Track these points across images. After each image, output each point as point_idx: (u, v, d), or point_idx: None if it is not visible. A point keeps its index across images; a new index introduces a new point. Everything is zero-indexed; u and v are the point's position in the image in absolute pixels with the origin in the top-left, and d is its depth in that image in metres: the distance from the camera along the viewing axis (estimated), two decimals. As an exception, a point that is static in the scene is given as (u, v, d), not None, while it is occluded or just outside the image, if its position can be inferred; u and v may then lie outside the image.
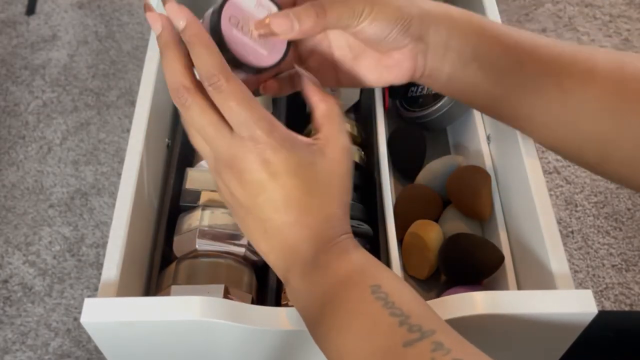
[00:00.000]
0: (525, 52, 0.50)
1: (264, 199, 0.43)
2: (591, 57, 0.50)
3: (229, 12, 0.45)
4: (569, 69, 0.49)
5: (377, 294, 0.40)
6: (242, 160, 0.43)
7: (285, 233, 0.44)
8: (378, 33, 0.47)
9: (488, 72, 0.50)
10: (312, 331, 0.42)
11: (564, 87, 0.49)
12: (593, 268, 1.31)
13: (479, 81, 0.51)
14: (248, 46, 0.46)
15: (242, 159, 0.43)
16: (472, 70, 0.50)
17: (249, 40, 0.46)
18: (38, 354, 1.21)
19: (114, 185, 1.43)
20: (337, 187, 0.45)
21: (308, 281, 0.43)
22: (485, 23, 0.50)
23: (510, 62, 0.50)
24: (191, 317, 0.46)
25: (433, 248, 0.66)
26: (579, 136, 0.51)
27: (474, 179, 0.67)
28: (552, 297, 0.47)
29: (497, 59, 0.50)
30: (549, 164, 1.46)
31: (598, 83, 0.49)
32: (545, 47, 0.50)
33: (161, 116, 0.68)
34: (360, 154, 0.68)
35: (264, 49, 0.47)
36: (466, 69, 0.50)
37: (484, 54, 0.50)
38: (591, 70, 0.49)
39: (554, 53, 0.50)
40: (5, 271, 1.31)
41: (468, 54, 0.49)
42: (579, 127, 0.50)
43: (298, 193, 0.43)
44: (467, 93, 0.52)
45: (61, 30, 1.74)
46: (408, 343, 0.37)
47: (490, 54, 0.50)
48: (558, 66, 0.49)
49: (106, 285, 0.51)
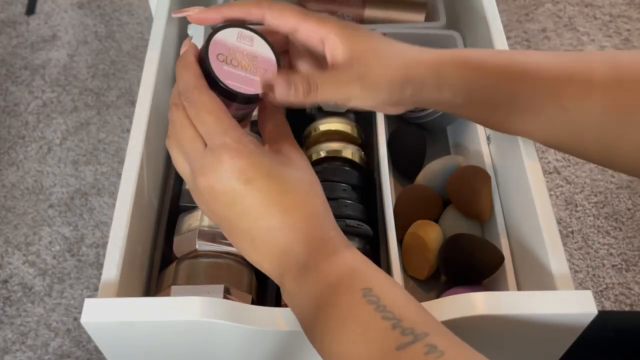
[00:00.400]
0: (517, 79, 0.50)
1: (242, 208, 0.43)
2: (587, 67, 0.50)
3: (215, 51, 0.47)
4: (566, 85, 0.49)
5: (368, 297, 0.40)
6: (214, 171, 0.43)
7: (273, 238, 0.44)
8: (370, 107, 0.49)
9: (482, 109, 0.52)
10: (308, 335, 0.43)
11: (563, 104, 0.49)
12: (593, 268, 1.31)
13: (475, 116, 0.54)
14: (241, 77, 0.48)
15: (214, 170, 0.43)
16: (466, 110, 0.52)
17: (240, 71, 0.48)
18: (38, 354, 1.21)
19: (114, 185, 1.43)
20: (311, 189, 0.46)
21: (302, 284, 0.43)
22: (471, 59, 0.50)
23: (504, 94, 0.50)
24: (191, 318, 0.46)
25: (433, 248, 0.66)
26: (582, 145, 0.52)
27: (474, 179, 0.67)
28: (552, 297, 0.47)
29: (489, 96, 0.50)
30: (549, 164, 1.46)
31: (597, 93, 0.49)
32: (537, 69, 0.50)
33: (161, 116, 0.68)
34: (360, 154, 0.68)
35: (256, 75, 0.48)
36: (462, 108, 0.52)
37: (475, 95, 0.50)
38: (589, 81, 0.49)
39: (548, 73, 0.50)
40: (5, 271, 1.31)
41: (460, 100, 0.51)
42: (582, 137, 0.51)
43: (276, 195, 0.43)
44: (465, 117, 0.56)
45: (61, 30, 1.74)
46: (401, 346, 0.37)
47: (482, 92, 0.50)
48: (554, 86, 0.50)
49: (106, 286, 0.51)
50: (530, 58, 0.51)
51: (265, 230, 0.43)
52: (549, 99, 0.50)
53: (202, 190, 0.44)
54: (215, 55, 0.47)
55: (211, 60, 0.47)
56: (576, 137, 0.51)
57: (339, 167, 0.65)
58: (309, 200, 0.45)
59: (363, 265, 0.43)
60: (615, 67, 0.49)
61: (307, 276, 0.42)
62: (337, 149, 0.66)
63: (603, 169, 1.45)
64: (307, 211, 0.44)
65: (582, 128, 0.50)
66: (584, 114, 0.49)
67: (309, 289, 0.42)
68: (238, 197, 0.43)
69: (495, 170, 0.69)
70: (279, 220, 0.43)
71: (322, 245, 0.43)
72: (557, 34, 1.71)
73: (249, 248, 0.45)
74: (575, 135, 0.51)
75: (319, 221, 0.44)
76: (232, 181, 0.43)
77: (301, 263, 0.43)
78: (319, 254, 0.43)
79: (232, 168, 0.43)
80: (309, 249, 0.43)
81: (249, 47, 0.48)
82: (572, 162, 1.46)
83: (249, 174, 0.43)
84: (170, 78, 0.73)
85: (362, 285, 0.40)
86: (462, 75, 0.49)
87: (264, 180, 0.43)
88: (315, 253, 0.43)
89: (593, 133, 0.50)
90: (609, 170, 1.45)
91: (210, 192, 0.44)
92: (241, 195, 0.43)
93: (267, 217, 0.43)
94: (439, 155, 0.75)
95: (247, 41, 0.48)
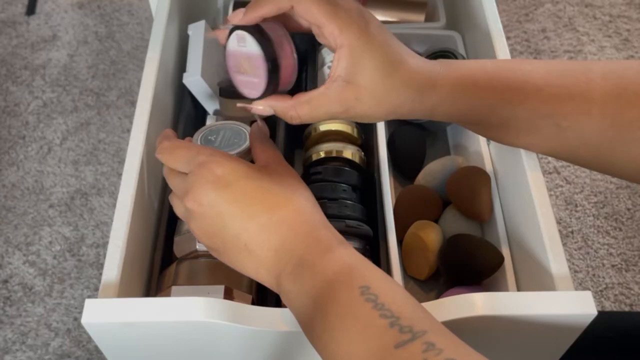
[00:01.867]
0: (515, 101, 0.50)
1: (229, 214, 0.44)
2: (587, 86, 0.49)
3: (230, 64, 0.50)
4: (565, 104, 0.49)
5: (366, 295, 0.40)
6: (196, 187, 0.45)
7: (264, 239, 0.44)
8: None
9: (478, 127, 0.53)
10: (307, 333, 0.43)
11: (560, 124, 0.49)
12: (593, 268, 1.31)
13: (471, 129, 0.55)
14: (248, 82, 0.49)
15: (196, 186, 0.45)
16: (462, 124, 0.54)
17: (246, 77, 0.49)
18: (38, 354, 1.21)
19: (114, 185, 1.43)
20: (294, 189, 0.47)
21: (298, 282, 0.43)
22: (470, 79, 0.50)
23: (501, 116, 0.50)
24: (191, 318, 0.46)
25: (433, 249, 0.66)
26: (580, 160, 0.52)
27: (474, 179, 0.67)
28: (552, 298, 0.47)
29: (486, 118, 0.51)
30: (549, 164, 1.46)
31: (595, 112, 0.48)
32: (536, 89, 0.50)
33: (161, 116, 0.68)
34: (360, 154, 0.68)
35: (256, 77, 0.49)
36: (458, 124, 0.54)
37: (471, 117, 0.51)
38: (588, 100, 0.49)
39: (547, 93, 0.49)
40: (5, 271, 1.31)
41: (455, 119, 0.52)
42: (580, 154, 0.51)
43: (259, 193, 0.45)
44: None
45: (61, 30, 1.74)
46: (399, 344, 0.37)
47: (479, 115, 0.51)
48: (553, 106, 0.49)
49: (107, 286, 0.51)
50: (528, 74, 0.50)
51: (255, 232, 0.44)
52: (545, 120, 0.50)
53: (192, 211, 0.46)
54: (232, 67, 0.50)
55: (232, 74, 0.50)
56: (573, 153, 0.51)
57: (339, 167, 0.65)
58: (293, 197, 0.46)
59: (360, 263, 0.43)
60: (615, 85, 0.48)
61: (303, 274, 0.42)
62: (337, 149, 0.66)
63: (603, 169, 1.45)
64: (293, 206, 0.45)
65: (579, 145, 0.50)
66: (581, 132, 0.49)
67: (306, 286, 0.42)
68: (223, 204, 0.44)
69: (495, 170, 0.69)
70: (267, 218, 0.44)
71: (315, 242, 0.44)
72: (557, 34, 1.71)
73: (245, 256, 0.45)
74: (572, 152, 0.51)
75: (305, 217, 0.45)
76: (214, 190, 0.45)
77: (296, 260, 0.43)
78: (313, 251, 0.43)
79: (212, 177, 0.45)
80: (301, 246, 0.43)
81: (244, 49, 0.49)
82: (572, 162, 1.47)
83: (228, 179, 0.45)
84: (171, 78, 0.73)
85: (359, 283, 0.41)
86: (455, 101, 0.49)
87: (243, 181, 0.45)
88: (309, 250, 0.43)
89: (590, 149, 0.50)
90: (608, 170, 1.45)
91: (197, 209, 0.45)
92: (225, 200, 0.44)
93: (255, 218, 0.44)
94: (439, 155, 0.75)
95: (242, 43, 0.49)
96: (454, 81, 0.49)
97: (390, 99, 0.48)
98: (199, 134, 0.60)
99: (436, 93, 0.49)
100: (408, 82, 0.48)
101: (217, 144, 0.58)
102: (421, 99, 0.48)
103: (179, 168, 0.48)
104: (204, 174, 0.45)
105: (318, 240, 0.44)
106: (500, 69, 0.51)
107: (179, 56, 0.78)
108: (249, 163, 0.47)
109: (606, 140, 0.49)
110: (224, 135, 0.59)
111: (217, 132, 0.59)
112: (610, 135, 0.48)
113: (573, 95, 0.49)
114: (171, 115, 0.74)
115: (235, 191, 0.44)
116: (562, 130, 0.50)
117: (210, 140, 0.59)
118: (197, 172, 0.46)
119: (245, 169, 0.46)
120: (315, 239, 0.44)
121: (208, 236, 0.46)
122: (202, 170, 0.45)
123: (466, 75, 0.50)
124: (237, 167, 0.46)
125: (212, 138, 0.59)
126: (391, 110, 0.48)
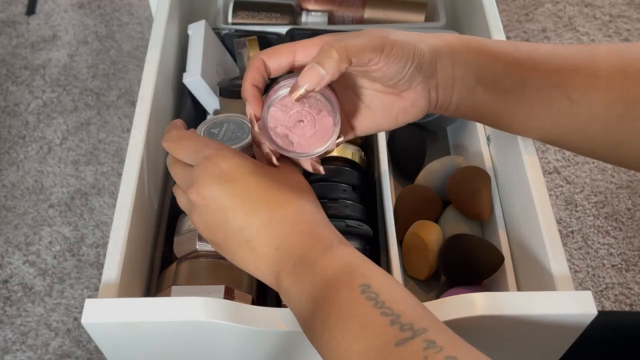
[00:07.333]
0: (526, 67, 0.50)
1: (231, 209, 0.44)
2: (593, 61, 0.50)
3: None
4: (573, 78, 0.50)
5: (367, 294, 0.40)
6: (201, 180, 0.45)
7: (266, 235, 0.44)
8: (395, 71, 0.47)
9: (493, 93, 0.51)
10: (306, 332, 0.43)
11: (570, 96, 0.50)
12: (593, 268, 1.31)
13: (486, 102, 0.52)
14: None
15: (201, 179, 0.45)
16: (477, 94, 0.51)
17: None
18: (38, 354, 1.21)
19: (114, 185, 1.43)
20: (298, 188, 0.47)
21: (298, 280, 0.43)
22: (483, 44, 0.51)
23: (514, 80, 0.50)
24: (192, 318, 0.46)
25: (433, 249, 0.66)
26: (590, 141, 0.52)
27: (474, 179, 0.67)
28: (552, 298, 0.47)
29: (500, 79, 0.50)
30: (549, 164, 1.46)
31: (602, 86, 0.49)
32: (545, 59, 0.50)
33: (161, 116, 0.68)
34: (360, 154, 0.68)
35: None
36: (472, 94, 0.51)
37: (486, 76, 0.50)
38: (595, 76, 0.49)
39: (555, 64, 0.50)
40: (5, 271, 1.31)
41: (472, 80, 0.50)
42: (589, 131, 0.51)
43: (262, 190, 0.45)
44: (475, 115, 0.53)
45: (61, 30, 1.74)
46: (400, 342, 0.37)
47: (493, 75, 0.50)
48: (562, 77, 0.50)
49: (107, 286, 0.51)
50: (538, 50, 0.51)
51: (257, 228, 0.44)
52: (556, 90, 0.50)
53: (195, 203, 0.46)
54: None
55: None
56: (583, 130, 0.51)
57: (339, 167, 0.65)
58: (296, 197, 0.46)
59: (360, 262, 0.43)
60: (619, 61, 0.49)
61: (303, 272, 0.42)
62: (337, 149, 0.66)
63: (603, 169, 1.45)
64: (295, 205, 0.45)
65: (589, 121, 0.50)
66: (590, 106, 0.49)
67: (306, 284, 0.42)
68: (226, 199, 0.44)
69: (495, 170, 0.69)
70: (269, 215, 0.44)
71: (316, 240, 0.44)
72: (557, 34, 1.71)
73: (245, 252, 0.45)
74: (583, 129, 0.51)
75: (307, 217, 0.45)
76: (219, 184, 0.45)
77: (296, 258, 0.43)
78: (313, 250, 0.43)
79: (218, 171, 0.45)
80: (302, 244, 0.43)
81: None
82: (572, 162, 1.47)
83: (233, 174, 0.45)
84: (171, 78, 0.74)
85: (360, 282, 0.41)
86: (475, 58, 0.50)
87: (248, 178, 0.45)
88: (310, 248, 0.43)
89: (600, 126, 0.50)
90: (608, 170, 1.45)
91: (201, 202, 0.45)
92: (229, 195, 0.44)
93: (257, 214, 0.44)
94: (439, 155, 0.75)
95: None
96: (472, 42, 0.50)
97: (416, 38, 0.48)
98: (202, 126, 0.59)
99: (456, 47, 0.49)
100: (427, 36, 0.50)
101: (220, 137, 0.58)
102: (445, 49, 0.49)
103: (185, 159, 0.48)
104: (209, 168, 0.45)
105: (319, 240, 0.44)
106: (506, 43, 0.52)
107: (179, 56, 0.78)
108: (255, 160, 0.47)
109: (615, 116, 0.49)
110: (228, 128, 0.58)
111: (220, 125, 0.59)
112: (619, 112, 0.49)
113: (579, 68, 0.50)
114: (171, 115, 0.74)
115: (239, 187, 0.44)
116: (572, 104, 0.50)
117: (214, 133, 0.59)
118: (203, 165, 0.45)
119: (251, 166, 0.46)
120: (316, 238, 0.44)
121: (210, 230, 0.46)
122: (208, 164, 0.45)
123: (483, 40, 0.51)
124: (244, 163, 0.46)
125: (215, 131, 0.59)
126: (419, 47, 0.48)
